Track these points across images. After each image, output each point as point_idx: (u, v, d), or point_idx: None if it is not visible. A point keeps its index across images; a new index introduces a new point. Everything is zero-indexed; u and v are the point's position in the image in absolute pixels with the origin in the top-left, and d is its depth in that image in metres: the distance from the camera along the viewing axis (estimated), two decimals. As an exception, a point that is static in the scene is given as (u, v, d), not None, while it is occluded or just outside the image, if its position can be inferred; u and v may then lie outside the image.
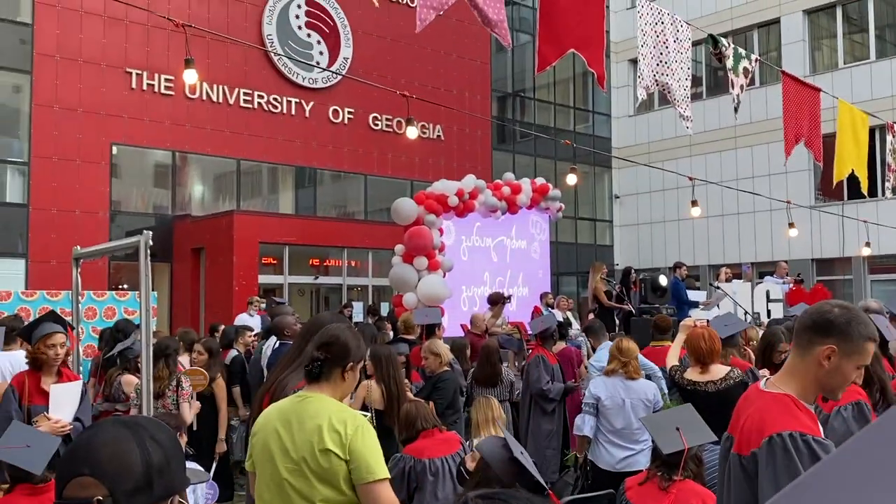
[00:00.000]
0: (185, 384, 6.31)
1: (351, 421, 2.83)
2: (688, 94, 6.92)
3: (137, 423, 1.39)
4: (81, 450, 1.34)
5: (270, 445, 2.87)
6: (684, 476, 3.53)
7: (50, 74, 16.20)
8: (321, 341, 2.97)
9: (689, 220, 22.33)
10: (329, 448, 2.75)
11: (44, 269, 15.36)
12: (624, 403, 5.58)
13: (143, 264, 5.45)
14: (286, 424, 2.87)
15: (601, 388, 5.71)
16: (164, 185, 18.34)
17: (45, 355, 4.89)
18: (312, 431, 2.79)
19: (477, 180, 13.32)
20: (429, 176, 18.66)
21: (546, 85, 25.16)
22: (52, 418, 4.78)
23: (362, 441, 2.78)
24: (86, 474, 1.30)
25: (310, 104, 19.60)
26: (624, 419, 5.60)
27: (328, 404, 2.89)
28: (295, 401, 2.95)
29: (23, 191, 16.08)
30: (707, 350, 5.18)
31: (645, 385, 5.69)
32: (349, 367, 2.97)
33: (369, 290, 18.41)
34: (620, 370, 5.64)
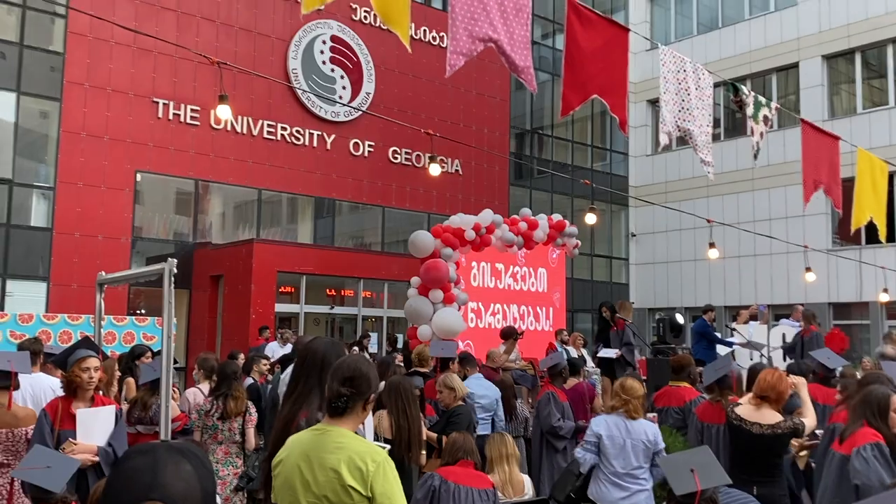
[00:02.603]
0: (253, 410, 6.39)
1: (371, 457, 2.84)
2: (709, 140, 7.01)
3: (190, 451, 1.46)
4: (147, 476, 1.38)
5: (292, 481, 2.90)
6: (698, 518, 3.54)
7: (78, 102, 16.57)
8: (345, 375, 2.97)
9: (705, 261, 22.31)
10: (351, 485, 2.77)
11: (65, 293, 15.57)
12: (625, 444, 5.58)
13: (166, 291, 5.57)
14: (306, 459, 2.89)
15: (602, 426, 5.73)
16: (186, 212, 18.60)
17: (79, 378, 4.96)
18: (334, 467, 2.81)
19: (494, 215, 13.40)
20: (446, 210, 18.83)
21: (564, 123, 25.37)
22: (79, 443, 4.82)
23: (384, 477, 2.80)
24: (155, 499, 1.35)
25: (331, 137, 19.88)
26: (624, 460, 5.59)
27: (348, 439, 2.91)
28: (314, 434, 2.97)
29: (47, 215, 16.36)
30: (770, 384, 5.23)
31: (645, 425, 5.69)
32: (370, 399, 3.01)
33: (384, 322, 18.48)
34: (621, 408, 5.66)
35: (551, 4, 24.75)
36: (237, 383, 6.38)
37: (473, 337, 13.34)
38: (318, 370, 3.45)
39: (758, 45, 23.79)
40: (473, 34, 5.08)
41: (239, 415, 6.28)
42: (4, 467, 5.20)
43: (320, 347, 3.57)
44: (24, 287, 15.79)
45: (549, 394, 7.60)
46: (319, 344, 3.63)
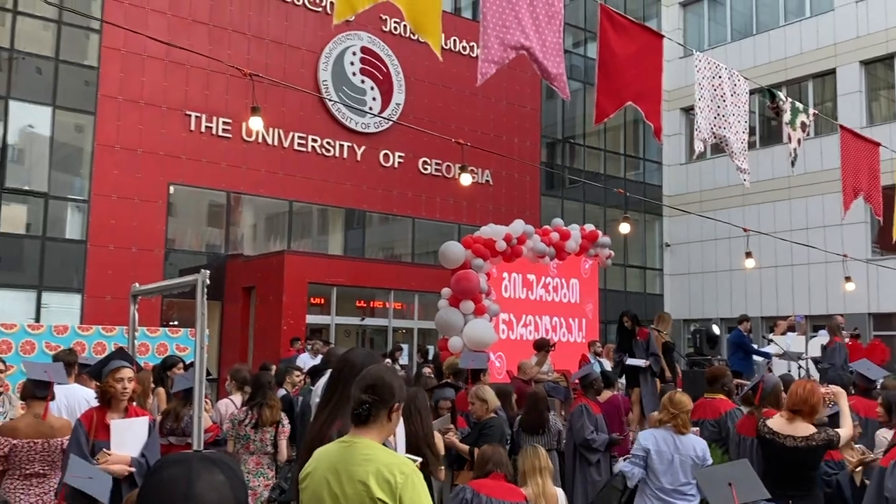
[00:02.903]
0: (286, 421, 6.38)
1: (399, 469, 2.81)
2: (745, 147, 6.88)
3: (224, 463, 1.44)
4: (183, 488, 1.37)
5: (320, 494, 2.87)
6: (738, 533, 3.43)
7: (112, 115, 16.79)
8: (367, 383, 2.95)
9: (741, 271, 21.97)
10: (380, 497, 2.74)
11: (99, 304, 15.73)
12: (673, 459, 5.46)
13: (199, 302, 5.56)
14: (334, 472, 2.87)
15: (651, 440, 5.59)
16: (218, 224, 18.75)
17: (113, 388, 4.96)
18: (362, 480, 2.78)
19: (525, 225, 13.30)
20: (476, 220, 18.77)
21: (596, 132, 25.22)
22: (113, 454, 4.82)
23: (413, 489, 2.77)
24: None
25: (361, 148, 19.94)
26: (671, 476, 5.46)
27: (376, 451, 2.88)
28: (342, 446, 2.94)
29: (82, 227, 16.57)
30: (801, 398, 5.12)
31: (694, 441, 5.55)
32: (395, 408, 2.98)
33: (415, 333, 18.43)
34: (669, 422, 5.53)
35: (583, 13, 24.66)
36: (272, 392, 6.36)
37: (505, 349, 13.23)
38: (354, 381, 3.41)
39: (793, 51, 23.47)
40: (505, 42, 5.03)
41: (272, 424, 6.27)
42: (41, 477, 5.23)
43: (357, 359, 3.54)
44: (59, 299, 16.00)
45: (581, 406, 7.49)
46: (356, 355, 3.60)
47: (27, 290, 15.88)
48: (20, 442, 5.15)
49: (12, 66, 16.18)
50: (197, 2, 17.99)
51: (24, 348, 9.38)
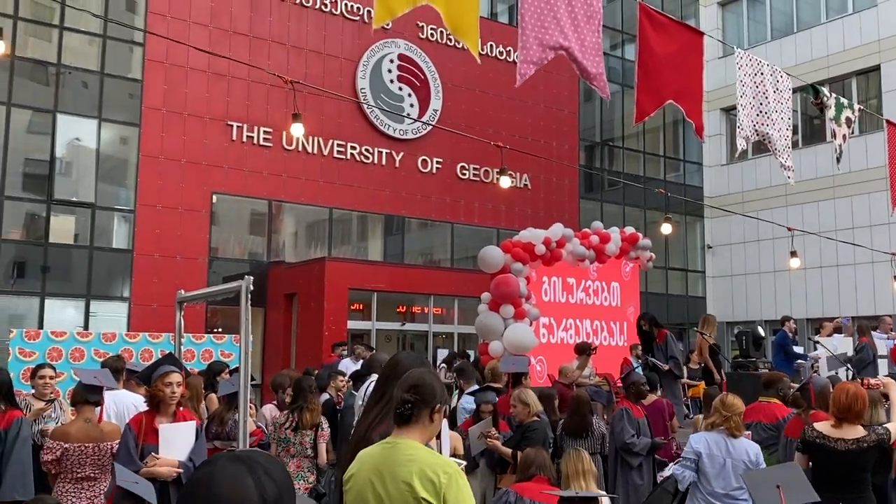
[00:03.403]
0: (325, 425, 6.45)
1: (443, 469, 2.83)
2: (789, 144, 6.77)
3: (252, 459, 1.45)
4: (202, 486, 1.39)
5: (364, 495, 2.89)
6: (786, 536, 3.38)
7: (156, 127, 17.12)
8: (409, 384, 2.98)
9: (785, 272, 21.61)
10: (424, 497, 2.76)
11: (145, 312, 16.02)
12: (725, 464, 5.37)
13: (243, 308, 5.64)
14: (378, 473, 2.88)
15: (702, 444, 5.51)
16: (260, 232, 18.99)
17: (162, 392, 5.06)
18: (406, 480, 2.80)
19: (565, 229, 13.23)
20: (515, 224, 18.73)
21: (635, 134, 25.02)
22: (161, 457, 4.91)
23: (457, 489, 2.78)
24: None
25: (400, 154, 20.04)
26: (723, 480, 5.36)
27: (419, 451, 2.90)
28: (385, 448, 2.96)
29: (128, 237, 16.90)
30: (845, 405, 5.03)
31: (747, 444, 5.45)
32: (437, 409, 2.99)
33: (455, 338, 18.45)
34: (722, 425, 5.44)
35: (620, 14, 24.51)
36: (312, 396, 6.42)
37: (545, 353, 13.17)
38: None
39: (836, 48, 23.05)
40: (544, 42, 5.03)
41: (311, 428, 6.32)
42: (92, 480, 5.33)
43: (405, 361, 3.56)
44: (106, 307, 16.34)
45: (622, 410, 7.43)
46: (405, 357, 3.62)
47: (76, 298, 16.25)
48: (72, 446, 5.27)
49: (59, 80, 16.59)
50: (237, 14, 18.27)
51: (74, 355, 9.60)
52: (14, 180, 16.04)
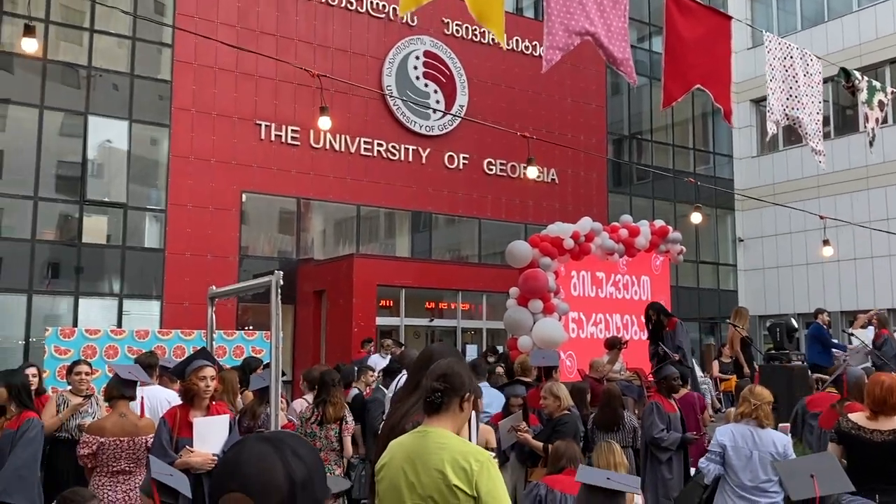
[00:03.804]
0: (350, 418, 6.49)
1: (475, 457, 2.84)
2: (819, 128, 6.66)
3: (280, 440, 1.45)
4: (230, 466, 1.40)
5: (397, 483, 2.90)
6: (821, 526, 3.33)
7: (186, 127, 17.29)
8: (438, 373, 3.00)
9: (818, 265, 21.32)
10: (456, 484, 2.77)
11: (177, 311, 16.20)
12: (751, 455, 5.29)
13: (273, 303, 5.69)
14: (410, 462, 2.90)
15: (727, 436, 5.44)
16: (289, 230, 19.12)
17: (196, 386, 5.12)
18: (438, 468, 2.81)
19: (593, 223, 13.14)
20: (543, 219, 18.65)
21: (664, 127, 24.80)
22: (196, 451, 4.96)
23: (489, 477, 2.80)
24: (235, 490, 1.36)
25: (426, 151, 20.06)
26: (751, 472, 5.28)
27: (450, 439, 2.91)
28: (417, 437, 2.98)
29: (160, 236, 17.10)
30: (880, 398, 4.95)
31: (774, 435, 5.37)
32: (466, 398, 3.01)
33: (483, 334, 18.43)
34: (751, 414, 5.37)
35: (647, 6, 24.29)
36: (335, 390, 6.44)
37: (575, 348, 13.11)
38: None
39: (868, 36, 22.65)
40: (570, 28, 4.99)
41: (336, 421, 6.36)
42: (127, 474, 5.40)
43: (438, 352, 3.56)
44: (139, 306, 16.55)
45: (653, 404, 7.37)
46: (437, 348, 3.63)
47: (109, 297, 16.48)
48: (107, 440, 5.34)
49: (90, 82, 16.82)
50: (264, 14, 18.38)
51: (108, 353, 9.73)
52: (47, 182, 16.30)
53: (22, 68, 16.26)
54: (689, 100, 25.04)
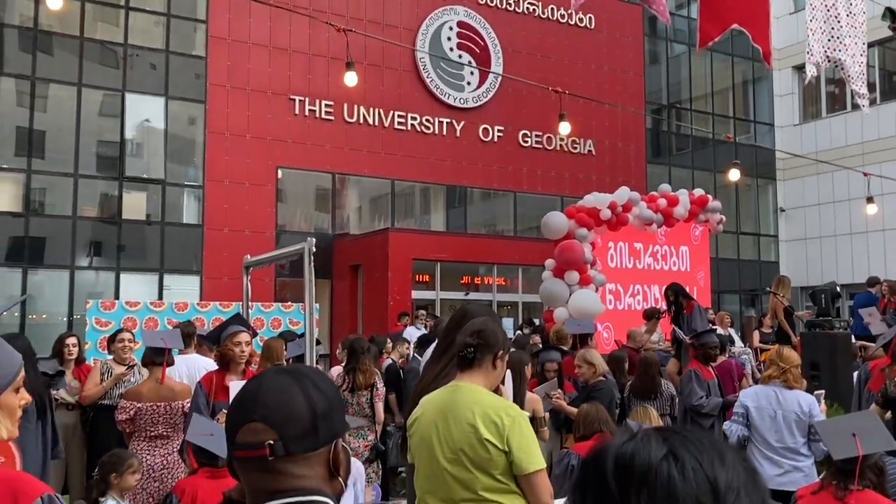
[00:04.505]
0: (380, 384, 6.53)
1: (506, 411, 2.84)
2: (863, 71, 6.43)
3: (300, 372, 1.44)
4: (249, 398, 1.39)
5: (429, 437, 2.90)
6: (862, 486, 3.24)
7: (221, 104, 17.39)
8: (472, 329, 2.99)
9: (862, 234, 20.84)
10: (487, 438, 2.77)
11: (216, 286, 16.39)
12: (775, 416, 5.19)
13: (307, 269, 5.70)
14: (442, 416, 2.90)
15: (750, 397, 5.36)
16: (325, 205, 19.19)
17: (231, 352, 5.16)
18: (469, 422, 2.81)
19: (631, 192, 12.97)
20: (579, 191, 18.42)
21: (703, 96, 24.33)
22: None
23: (519, 432, 2.79)
24: (256, 420, 1.35)
25: (460, 124, 19.92)
26: (777, 433, 5.18)
27: (482, 394, 2.90)
28: (448, 391, 2.97)
29: (198, 212, 17.29)
30: None
31: (800, 395, 5.26)
32: (499, 356, 2.98)
33: (519, 307, 18.36)
34: (778, 377, 5.26)
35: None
36: (364, 357, 6.46)
37: (612, 319, 13.01)
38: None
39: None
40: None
41: (366, 388, 6.38)
42: (165, 439, 5.49)
43: (473, 311, 3.52)
44: (179, 281, 16.78)
45: (691, 371, 7.29)
46: (473, 308, 3.59)
47: (149, 273, 16.72)
48: (144, 405, 5.43)
49: (127, 61, 16.97)
50: (296, -13, 18.35)
51: (148, 324, 9.88)
52: (87, 160, 16.54)
53: (60, 48, 16.47)
54: (729, 67, 24.51)
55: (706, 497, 0.91)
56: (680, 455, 0.93)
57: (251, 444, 1.34)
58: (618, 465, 0.95)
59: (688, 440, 0.96)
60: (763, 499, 0.96)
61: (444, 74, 19.48)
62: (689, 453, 0.94)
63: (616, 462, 0.95)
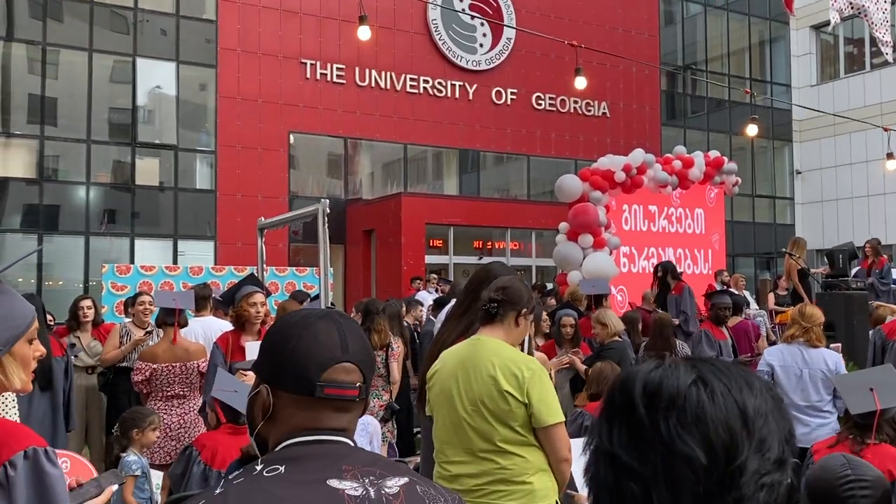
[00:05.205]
0: (395, 346, 6.56)
1: (526, 365, 2.85)
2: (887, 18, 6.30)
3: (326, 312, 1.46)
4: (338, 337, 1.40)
5: (449, 388, 2.91)
6: (879, 440, 3.23)
7: (232, 68, 17.29)
8: (497, 286, 3.01)
9: (880, 196, 20.62)
10: (507, 390, 2.78)
11: (230, 251, 16.45)
12: (801, 374, 5.16)
13: (321, 230, 5.69)
14: (463, 367, 2.91)
15: (776, 356, 5.32)
16: (337, 169, 19.15)
17: (247, 312, 5.17)
18: (489, 374, 2.82)
19: (646, 154, 12.85)
20: (594, 155, 18.25)
21: (719, 56, 23.99)
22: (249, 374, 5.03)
23: (540, 385, 2.81)
24: (350, 362, 1.37)
25: (473, 87, 19.75)
26: (802, 392, 5.16)
27: (503, 348, 2.92)
28: (469, 344, 3.00)
29: (211, 178, 17.29)
30: None
31: (825, 353, 5.23)
32: (523, 313, 2.99)
33: (533, 271, 18.34)
34: (801, 336, 5.22)
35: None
36: (379, 317, 6.48)
37: (627, 282, 12.96)
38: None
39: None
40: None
41: (382, 348, 6.41)
42: (181, 398, 5.54)
43: (497, 269, 3.49)
44: (193, 246, 16.85)
45: (702, 332, 7.31)
46: (497, 266, 3.55)
47: (164, 238, 16.79)
48: (159, 366, 5.47)
49: (137, 26, 16.88)
50: (307, -51, 18.14)
51: (163, 288, 9.92)
52: (100, 126, 16.54)
53: (70, 14, 16.39)
54: (746, 27, 24.12)
55: (735, 421, 0.91)
56: (709, 380, 0.93)
57: (343, 383, 1.35)
58: (646, 391, 0.94)
59: (716, 367, 0.96)
60: (789, 428, 0.95)
61: (457, 36, 19.26)
62: (717, 379, 0.93)
63: (644, 388, 0.94)
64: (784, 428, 0.94)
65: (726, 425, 0.90)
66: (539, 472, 2.80)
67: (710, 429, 0.89)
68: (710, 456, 0.89)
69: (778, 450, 0.92)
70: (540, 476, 2.80)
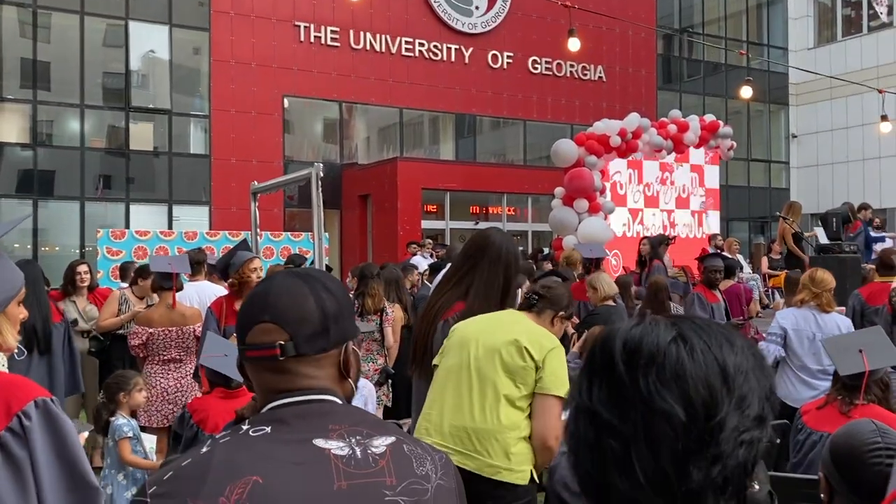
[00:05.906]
0: (390, 310, 6.58)
1: (550, 340, 2.93)
2: None
3: (310, 274, 1.44)
4: (260, 299, 1.38)
5: (467, 338, 2.94)
6: (867, 400, 3.28)
7: (225, 31, 17.11)
8: (546, 283, 3.17)
9: (875, 160, 20.62)
10: (527, 348, 2.83)
11: (225, 215, 16.43)
12: (814, 338, 5.18)
13: (314, 194, 5.69)
14: (489, 326, 2.98)
15: (789, 319, 5.32)
16: (332, 134, 19.06)
17: (249, 278, 5.18)
18: (514, 335, 2.88)
19: (641, 118, 12.82)
20: (589, 119, 18.18)
21: (716, 19, 23.78)
22: None
23: (558, 359, 2.87)
24: (267, 321, 1.34)
25: (469, 50, 19.59)
26: (814, 356, 5.17)
27: (528, 322, 3.03)
28: (495, 314, 3.09)
29: (205, 143, 17.21)
30: None
31: (838, 318, 5.23)
32: (560, 316, 3.12)
33: (528, 236, 18.37)
34: (812, 301, 5.23)
35: None
36: (373, 282, 6.48)
37: (622, 246, 13.01)
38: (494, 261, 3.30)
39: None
40: None
41: (376, 312, 6.42)
42: (178, 362, 5.58)
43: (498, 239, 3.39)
44: (188, 211, 16.82)
45: (694, 295, 7.34)
46: (497, 235, 3.44)
47: (159, 203, 16.76)
48: (156, 330, 5.50)
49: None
50: None
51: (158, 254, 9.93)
52: (94, 91, 16.41)
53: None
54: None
55: (715, 378, 0.91)
56: (689, 338, 0.93)
57: (262, 343, 1.33)
58: (626, 348, 0.94)
59: (696, 325, 0.96)
60: (770, 384, 0.96)
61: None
62: (697, 336, 0.94)
63: (625, 345, 0.95)
64: (764, 385, 0.94)
65: (706, 382, 0.90)
66: (520, 439, 2.82)
67: (690, 385, 0.90)
68: (689, 413, 0.89)
69: (758, 407, 0.92)
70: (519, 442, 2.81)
